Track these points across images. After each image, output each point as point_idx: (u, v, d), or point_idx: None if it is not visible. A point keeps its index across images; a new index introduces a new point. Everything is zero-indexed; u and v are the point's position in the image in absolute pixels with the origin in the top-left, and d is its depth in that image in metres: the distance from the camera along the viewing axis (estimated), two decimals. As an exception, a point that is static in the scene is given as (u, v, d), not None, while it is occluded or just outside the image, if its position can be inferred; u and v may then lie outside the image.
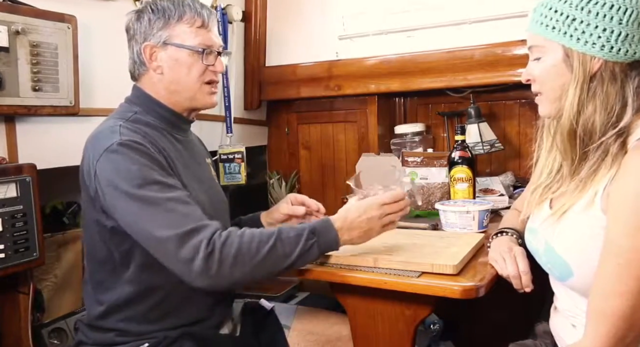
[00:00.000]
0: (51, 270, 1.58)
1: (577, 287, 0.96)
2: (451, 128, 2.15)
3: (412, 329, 1.17)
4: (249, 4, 2.27)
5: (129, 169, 1.08)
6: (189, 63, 1.24)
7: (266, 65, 2.35)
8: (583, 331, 0.97)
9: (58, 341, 1.54)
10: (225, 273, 1.04)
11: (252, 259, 1.05)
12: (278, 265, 1.08)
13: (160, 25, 1.23)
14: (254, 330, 1.37)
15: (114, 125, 1.16)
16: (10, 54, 1.31)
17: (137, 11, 1.26)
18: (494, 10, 1.93)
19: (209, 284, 1.05)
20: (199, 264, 1.02)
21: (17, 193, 1.30)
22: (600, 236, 0.87)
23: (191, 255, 1.03)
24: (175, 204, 1.07)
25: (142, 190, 1.07)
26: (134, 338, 1.18)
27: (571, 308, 1.01)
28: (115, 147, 1.10)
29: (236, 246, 1.04)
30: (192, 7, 1.25)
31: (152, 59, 1.24)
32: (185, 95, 1.27)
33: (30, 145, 1.44)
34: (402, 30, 2.12)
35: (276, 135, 2.49)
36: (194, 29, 1.24)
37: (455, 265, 1.08)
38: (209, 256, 1.02)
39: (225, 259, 1.03)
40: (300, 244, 1.08)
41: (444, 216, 1.47)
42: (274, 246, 1.06)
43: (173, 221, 1.05)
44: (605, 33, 0.89)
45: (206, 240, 1.04)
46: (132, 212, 1.07)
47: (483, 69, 1.90)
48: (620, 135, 0.89)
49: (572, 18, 0.91)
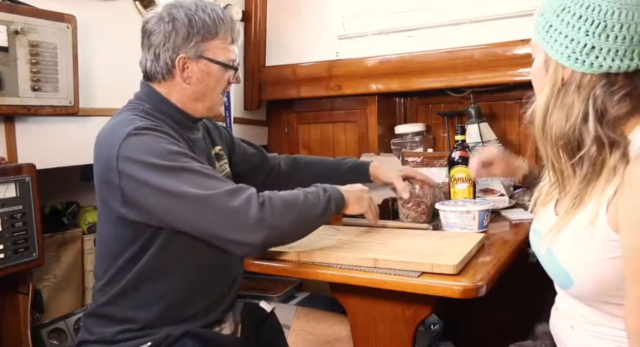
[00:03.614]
0: (51, 270, 1.58)
1: (577, 296, 0.95)
2: (451, 128, 2.15)
3: (412, 330, 1.17)
4: (249, 4, 2.27)
5: (156, 146, 1.11)
6: (218, 77, 1.28)
7: (266, 65, 2.35)
8: (581, 333, 0.97)
9: (57, 341, 1.54)
10: (277, 222, 1.09)
11: (295, 207, 1.13)
12: (313, 213, 1.16)
13: (198, 40, 1.24)
14: (254, 331, 1.37)
15: (127, 117, 1.18)
16: (10, 54, 1.31)
17: (170, 19, 1.23)
18: (494, 10, 1.93)
19: (265, 235, 1.08)
20: (255, 212, 1.07)
21: (17, 193, 1.30)
22: (604, 248, 0.85)
23: (245, 206, 1.07)
24: (210, 171, 1.13)
25: (175, 162, 1.10)
26: (137, 334, 1.18)
27: (570, 311, 1.01)
28: (136, 131, 1.12)
29: (280, 198, 1.12)
30: (227, 24, 1.28)
31: (184, 70, 1.25)
32: (206, 105, 1.30)
33: (30, 145, 1.43)
34: (402, 30, 2.11)
35: (276, 135, 2.49)
36: (226, 45, 1.28)
37: (455, 265, 1.08)
38: (262, 205, 1.08)
39: (276, 208, 1.09)
40: (320, 196, 1.19)
41: (444, 216, 1.47)
42: (306, 197, 1.16)
43: (215, 183, 1.10)
44: (572, 43, 0.88)
45: (254, 193, 1.10)
46: (168, 183, 1.07)
47: (483, 69, 1.90)
48: (616, 146, 0.87)
49: (550, 24, 0.91)
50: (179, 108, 1.28)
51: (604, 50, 0.86)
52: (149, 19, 1.26)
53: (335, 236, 1.40)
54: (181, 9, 1.24)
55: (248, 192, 1.10)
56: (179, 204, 1.08)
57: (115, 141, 1.11)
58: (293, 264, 1.23)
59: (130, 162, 1.10)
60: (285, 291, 2.07)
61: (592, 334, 0.95)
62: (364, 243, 1.32)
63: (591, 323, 0.95)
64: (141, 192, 1.10)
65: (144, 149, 1.10)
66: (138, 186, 1.10)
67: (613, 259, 0.85)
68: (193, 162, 1.12)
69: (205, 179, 1.10)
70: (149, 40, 1.26)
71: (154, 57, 1.25)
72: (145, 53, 1.27)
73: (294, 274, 1.22)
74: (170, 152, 1.11)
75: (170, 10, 1.24)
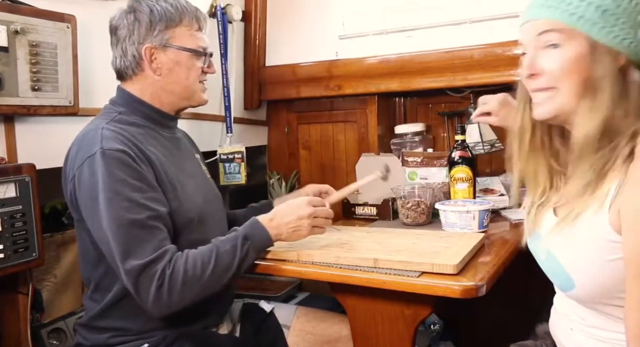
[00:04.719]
0: (50, 270, 1.57)
1: (578, 298, 0.94)
2: (451, 128, 2.15)
3: (412, 329, 1.17)
4: (249, 4, 2.27)
5: (105, 180, 1.10)
6: (188, 65, 1.27)
7: (266, 65, 2.35)
8: (580, 335, 0.96)
9: (57, 342, 1.53)
10: (176, 300, 1.09)
11: (199, 280, 1.11)
12: (223, 278, 1.14)
13: (162, 28, 1.24)
14: (254, 331, 1.37)
15: (96, 128, 1.18)
16: (10, 54, 1.31)
17: (132, 11, 1.26)
18: (494, 10, 1.93)
19: (164, 313, 1.11)
20: (152, 298, 1.07)
21: (17, 193, 1.30)
22: (605, 249, 0.84)
23: (144, 289, 1.07)
24: (134, 228, 1.09)
25: (112, 205, 1.09)
26: (132, 338, 1.18)
27: (569, 313, 0.99)
28: (96, 155, 1.12)
29: (182, 274, 1.09)
30: (190, 11, 1.28)
31: (152, 61, 1.24)
32: (182, 95, 1.30)
33: (30, 145, 1.43)
34: (402, 30, 2.11)
35: (276, 135, 2.49)
36: (193, 32, 1.28)
37: (455, 265, 1.08)
38: (159, 288, 1.07)
39: (174, 288, 1.08)
40: (237, 253, 1.15)
41: (444, 216, 1.47)
42: (216, 264, 1.12)
43: (140, 248, 1.08)
44: (632, 30, 0.84)
45: (158, 272, 1.07)
46: (98, 227, 1.11)
47: (483, 68, 1.90)
48: (633, 138, 0.83)
49: (603, 9, 0.84)
50: (153, 106, 1.28)
51: None
52: (114, 15, 1.28)
53: (335, 236, 1.41)
54: (143, 1, 1.25)
55: (159, 266, 1.08)
56: (105, 241, 1.10)
57: (78, 161, 1.14)
58: (293, 264, 1.23)
59: (82, 188, 1.13)
60: (285, 290, 2.07)
61: (592, 337, 0.94)
62: (364, 243, 1.33)
63: (590, 326, 0.94)
64: (85, 214, 1.14)
65: (93, 182, 1.11)
66: (83, 209, 1.14)
67: (614, 261, 0.84)
68: (128, 211, 1.10)
69: (134, 241, 1.08)
70: (116, 36, 1.27)
71: (122, 52, 1.27)
72: (114, 51, 1.28)
73: (294, 274, 1.23)
74: (112, 191, 1.10)
75: (132, 3, 1.26)
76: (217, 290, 1.15)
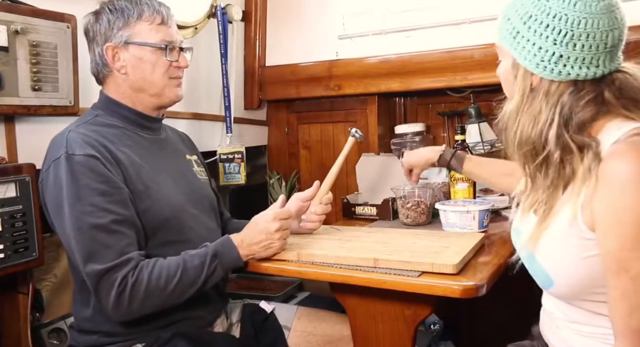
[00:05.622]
0: (50, 270, 1.57)
1: (558, 295, 0.97)
2: (451, 128, 2.15)
3: (412, 329, 1.17)
4: (249, 4, 2.27)
5: (68, 185, 1.11)
6: (153, 60, 1.26)
7: (266, 65, 2.35)
8: (565, 332, 0.98)
9: (57, 341, 1.53)
10: (136, 309, 1.11)
11: (162, 292, 1.12)
12: (187, 292, 1.15)
13: (120, 25, 1.24)
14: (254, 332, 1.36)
15: (64, 132, 1.19)
16: (10, 54, 1.31)
17: (94, 13, 1.27)
18: (493, 10, 1.93)
19: (124, 319, 1.14)
20: (111, 303, 1.09)
21: (17, 193, 1.30)
22: (581, 247, 0.86)
23: (104, 294, 1.09)
24: (96, 233, 1.09)
25: (74, 210, 1.10)
26: (124, 338, 1.18)
27: (554, 310, 1.01)
28: (61, 160, 1.13)
29: (145, 284, 1.10)
30: (150, 5, 1.26)
31: (115, 60, 1.25)
32: (152, 93, 1.28)
33: (30, 145, 1.43)
34: (401, 30, 2.12)
35: (276, 135, 2.49)
36: (155, 26, 1.26)
37: (455, 264, 1.08)
38: (119, 295, 1.08)
39: (135, 297, 1.09)
40: (204, 270, 1.15)
41: (444, 216, 1.47)
42: (181, 278, 1.13)
43: (91, 252, 1.09)
44: (540, 52, 0.89)
45: (120, 279, 1.08)
46: (62, 231, 1.13)
47: (483, 68, 1.90)
48: (587, 148, 0.86)
49: (517, 31, 0.92)
50: (128, 107, 1.28)
51: (572, 58, 0.87)
52: (85, 21, 1.29)
53: (335, 236, 1.41)
54: (106, 3, 1.26)
55: (120, 273, 1.08)
56: (69, 244, 1.12)
57: (46, 164, 1.17)
58: (293, 264, 1.23)
59: (47, 192, 1.16)
60: (285, 291, 2.07)
61: (576, 333, 0.96)
62: (364, 243, 1.33)
63: (573, 321, 0.96)
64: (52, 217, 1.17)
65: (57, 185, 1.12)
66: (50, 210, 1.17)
67: (589, 258, 0.86)
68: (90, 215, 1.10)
69: (96, 245, 1.09)
70: (87, 41, 1.29)
71: (93, 55, 1.28)
72: (89, 56, 1.29)
73: (294, 274, 1.23)
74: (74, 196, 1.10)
75: (97, 6, 1.27)
76: (179, 302, 1.16)
